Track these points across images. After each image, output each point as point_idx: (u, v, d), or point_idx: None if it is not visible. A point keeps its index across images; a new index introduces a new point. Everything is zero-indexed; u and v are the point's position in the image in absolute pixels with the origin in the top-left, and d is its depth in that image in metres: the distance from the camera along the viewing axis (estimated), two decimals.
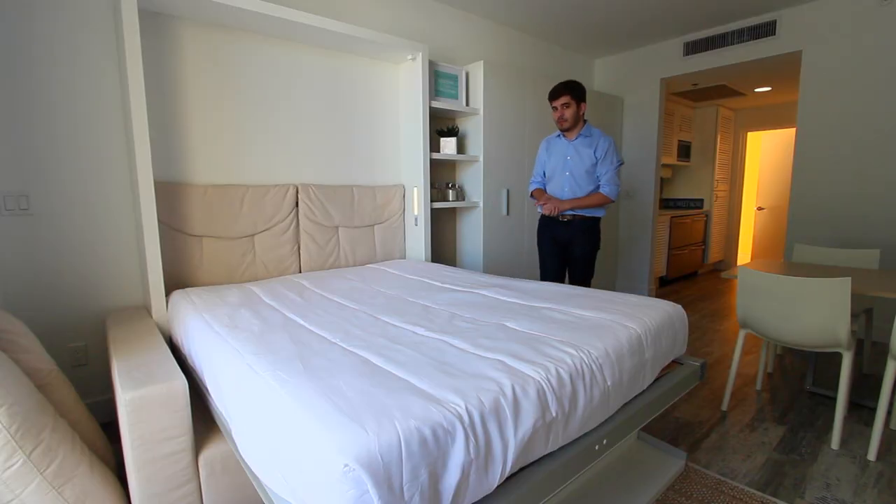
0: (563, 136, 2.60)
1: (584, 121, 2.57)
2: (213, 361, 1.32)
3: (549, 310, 1.60)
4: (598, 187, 2.56)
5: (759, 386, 2.48)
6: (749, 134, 6.08)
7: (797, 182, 3.48)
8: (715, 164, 5.71)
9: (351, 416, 0.86)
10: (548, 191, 2.71)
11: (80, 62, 1.95)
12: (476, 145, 3.17)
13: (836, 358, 2.86)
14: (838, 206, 3.30)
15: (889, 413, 2.11)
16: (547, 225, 2.71)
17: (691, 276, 5.72)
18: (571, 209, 2.55)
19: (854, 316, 2.10)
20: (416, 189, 2.86)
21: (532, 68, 3.99)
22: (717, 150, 5.70)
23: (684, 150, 5.69)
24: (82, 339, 2.04)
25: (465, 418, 0.90)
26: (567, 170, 2.59)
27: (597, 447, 1.20)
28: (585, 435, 1.20)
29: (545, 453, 1.09)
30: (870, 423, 2.06)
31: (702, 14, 3.50)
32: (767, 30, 3.49)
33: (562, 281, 2.78)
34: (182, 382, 1.25)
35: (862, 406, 2.23)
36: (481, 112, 3.10)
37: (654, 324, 1.48)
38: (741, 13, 3.49)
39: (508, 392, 1.00)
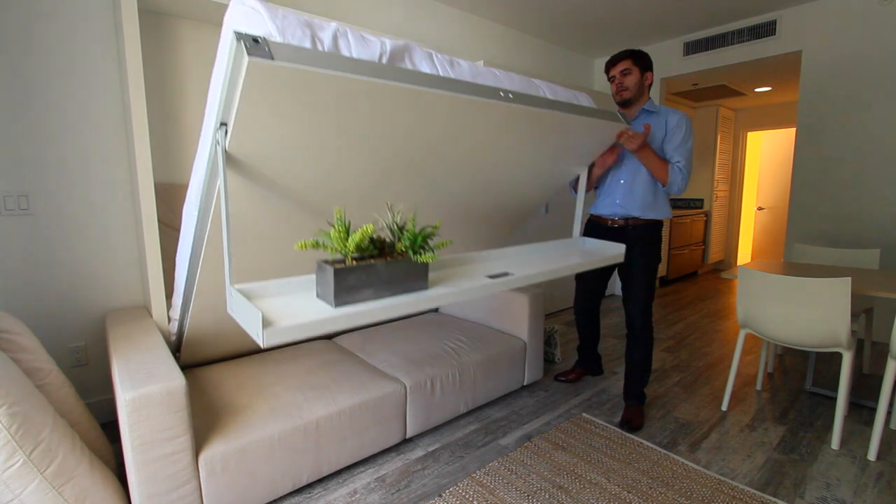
0: (622, 113, 2.02)
1: (649, 96, 2.08)
2: None
3: None
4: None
5: (759, 386, 2.48)
6: (749, 134, 6.08)
7: (797, 182, 3.48)
8: (715, 164, 5.71)
9: None
10: (598, 191, 2.21)
11: (80, 62, 1.94)
12: None
13: (836, 358, 2.87)
14: (838, 206, 3.30)
15: (889, 413, 2.11)
16: (593, 231, 2.23)
17: (691, 276, 5.72)
18: (643, 154, 1.92)
19: (854, 316, 2.10)
20: None
21: (532, 68, 3.99)
22: (718, 150, 5.70)
23: None
24: (82, 339, 2.04)
25: None
26: (622, 159, 2.07)
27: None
28: None
29: None
30: (870, 423, 2.07)
31: (702, 14, 3.50)
32: (767, 30, 3.49)
33: (597, 303, 2.39)
34: (182, 382, 1.25)
35: (862, 406, 2.23)
36: None
37: None
38: (741, 13, 3.49)
39: None
